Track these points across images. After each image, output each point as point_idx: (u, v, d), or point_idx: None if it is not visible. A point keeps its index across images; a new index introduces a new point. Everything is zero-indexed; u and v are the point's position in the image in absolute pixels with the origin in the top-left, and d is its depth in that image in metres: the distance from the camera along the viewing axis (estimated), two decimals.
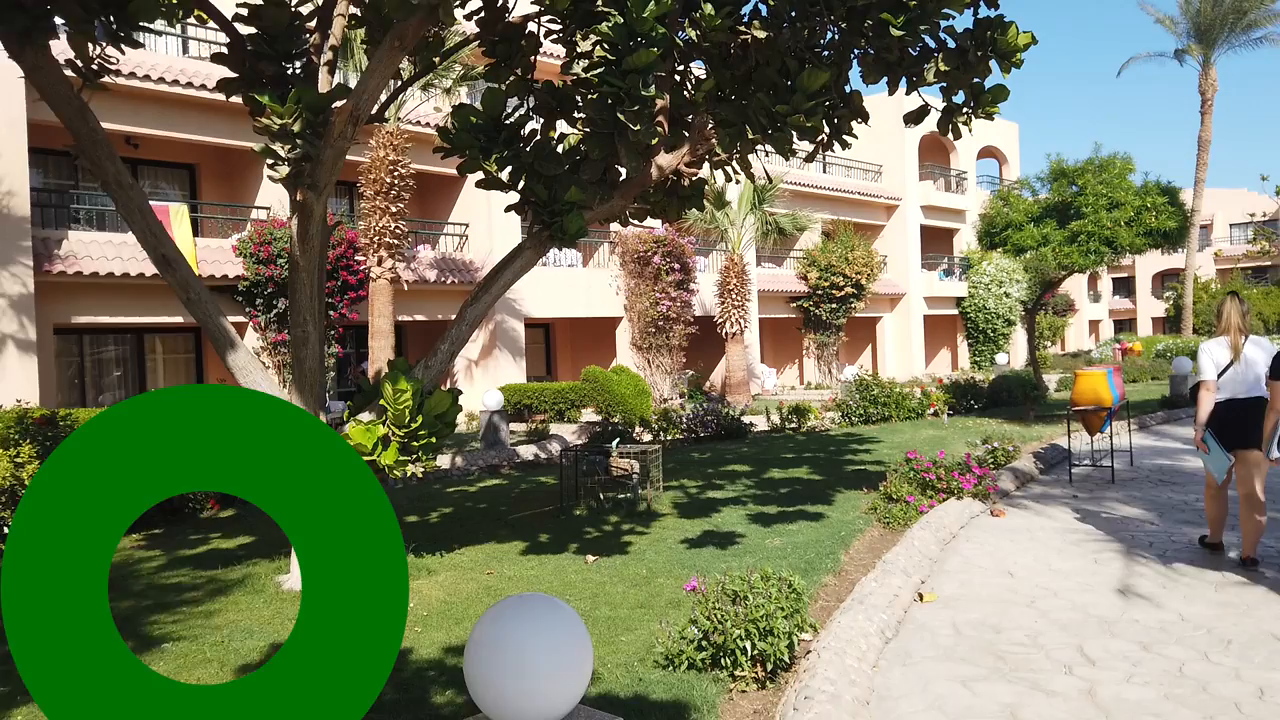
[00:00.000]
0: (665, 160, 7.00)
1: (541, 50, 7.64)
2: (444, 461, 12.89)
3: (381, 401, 6.10)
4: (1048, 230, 14.65)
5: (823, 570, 6.34)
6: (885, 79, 7.35)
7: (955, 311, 33.92)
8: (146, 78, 14.89)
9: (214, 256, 15.98)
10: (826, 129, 7.77)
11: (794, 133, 7.13)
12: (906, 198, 32.32)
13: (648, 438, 14.39)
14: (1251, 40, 39.55)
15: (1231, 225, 60.40)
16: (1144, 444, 12.32)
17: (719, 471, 11.30)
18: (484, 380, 20.29)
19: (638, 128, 6.24)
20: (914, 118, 7.78)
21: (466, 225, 20.51)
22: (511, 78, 7.52)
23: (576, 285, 22.08)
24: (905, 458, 8.81)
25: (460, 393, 6.79)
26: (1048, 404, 18.57)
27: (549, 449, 14.22)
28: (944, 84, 7.23)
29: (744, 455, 12.82)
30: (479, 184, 7.14)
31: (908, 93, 7.55)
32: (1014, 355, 34.11)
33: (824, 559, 6.64)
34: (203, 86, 15.55)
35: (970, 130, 7.89)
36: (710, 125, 7.02)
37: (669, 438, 14.68)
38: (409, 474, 6.26)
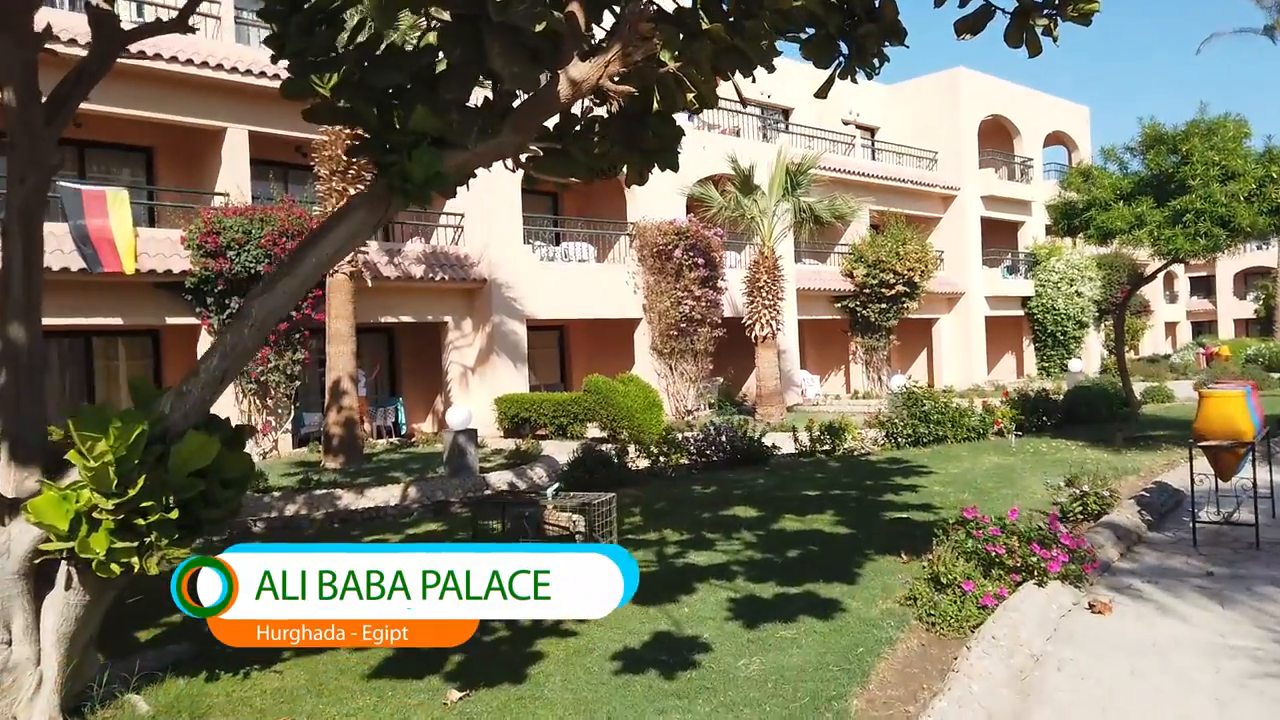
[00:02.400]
0: (580, 71, 4.47)
1: None
2: (392, 495, 10.48)
3: (69, 455, 3.69)
4: (1143, 209, 11.75)
5: None
6: None
7: (1021, 312, 30.74)
8: (74, 42, 12.81)
9: (161, 249, 13.88)
10: (844, 48, 5.32)
11: (774, 25, 4.62)
12: (965, 187, 29.26)
13: (645, 464, 11.84)
14: None
15: None
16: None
17: (716, 517, 8.72)
18: (481, 390, 17.97)
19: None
20: (970, 24, 5.33)
21: (461, 215, 18.17)
22: None
23: (589, 283, 19.60)
24: (962, 517, 6.17)
25: (254, 431, 4.40)
26: (1140, 422, 15.57)
27: (530, 476, 11.76)
28: None
29: (755, 491, 10.20)
30: (304, 114, 4.73)
31: (962, 3, 5.17)
32: (1088, 361, 30.78)
33: (825, 707, 4.07)
34: (157, 56, 13.46)
35: (1056, 40, 5.40)
36: (649, 12, 4.45)
37: (672, 464, 12.07)
38: (136, 570, 3.83)
